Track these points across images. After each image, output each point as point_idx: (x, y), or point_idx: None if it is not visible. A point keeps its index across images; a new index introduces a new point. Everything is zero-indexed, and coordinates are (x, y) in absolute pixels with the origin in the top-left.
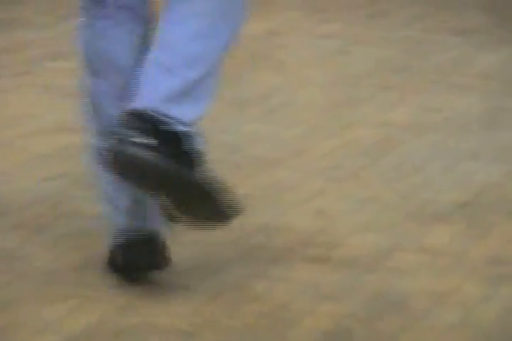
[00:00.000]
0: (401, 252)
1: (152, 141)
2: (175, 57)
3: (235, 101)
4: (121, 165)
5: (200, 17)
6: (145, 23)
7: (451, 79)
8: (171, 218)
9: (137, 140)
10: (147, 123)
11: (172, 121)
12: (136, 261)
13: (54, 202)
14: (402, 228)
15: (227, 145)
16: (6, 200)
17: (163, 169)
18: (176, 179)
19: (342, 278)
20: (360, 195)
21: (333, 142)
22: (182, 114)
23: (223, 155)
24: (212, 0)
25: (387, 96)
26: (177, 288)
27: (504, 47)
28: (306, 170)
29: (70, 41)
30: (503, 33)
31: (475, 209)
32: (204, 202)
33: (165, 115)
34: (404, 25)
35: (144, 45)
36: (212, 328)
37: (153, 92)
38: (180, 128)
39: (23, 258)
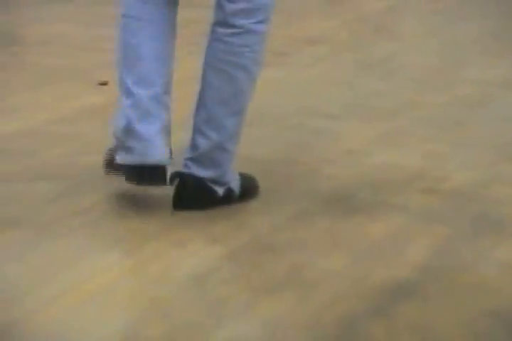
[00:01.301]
0: (498, 185)
1: None
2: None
3: (362, 64)
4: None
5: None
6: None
7: None
8: None
9: None
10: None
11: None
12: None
13: None
14: (498, 166)
15: (352, 99)
16: None
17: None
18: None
19: (449, 206)
20: (462, 139)
21: (441, 97)
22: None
23: (349, 108)
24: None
25: (486, 60)
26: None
27: None
28: (419, 120)
29: None
30: None
31: None
32: None
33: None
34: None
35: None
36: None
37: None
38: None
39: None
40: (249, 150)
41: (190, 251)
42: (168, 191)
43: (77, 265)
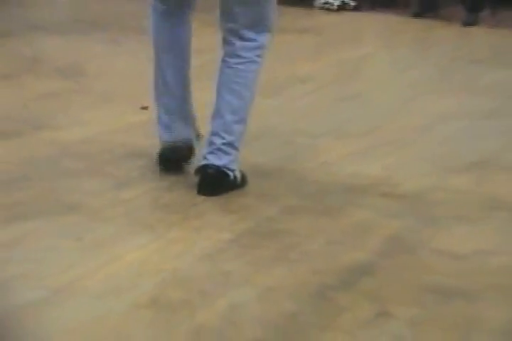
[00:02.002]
0: (438, 191)
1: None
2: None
3: (339, 98)
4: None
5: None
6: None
7: None
8: None
9: None
10: None
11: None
12: (167, 157)
13: None
14: (439, 176)
15: (331, 123)
16: None
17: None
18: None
19: (401, 206)
20: (412, 155)
21: (398, 123)
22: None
23: (328, 130)
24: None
25: (432, 97)
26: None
27: None
28: (380, 140)
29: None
30: None
31: None
32: None
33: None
34: None
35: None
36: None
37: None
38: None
39: None
40: (254, 159)
41: (204, 236)
42: (188, 189)
43: (118, 244)
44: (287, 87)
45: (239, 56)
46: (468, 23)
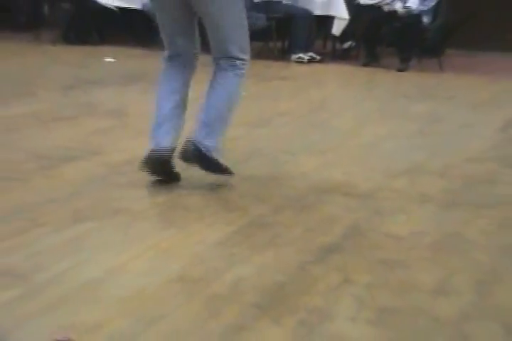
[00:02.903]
0: (386, 191)
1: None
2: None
3: (310, 125)
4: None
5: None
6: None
7: None
8: None
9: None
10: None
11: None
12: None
13: None
14: (386, 180)
15: (304, 144)
16: None
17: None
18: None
19: (358, 202)
20: (365, 165)
21: (352, 142)
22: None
23: (302, 148)
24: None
25: (378, 123)
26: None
27: None
28: (341, 155)
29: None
30: None
31: None
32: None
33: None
34: None
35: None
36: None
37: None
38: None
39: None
40: (249, 172)
41: (215, 229)
42: (202, 195)
43: (154, 236)
44: (272, 119)
45: (231, 57)
46: (401, 70)
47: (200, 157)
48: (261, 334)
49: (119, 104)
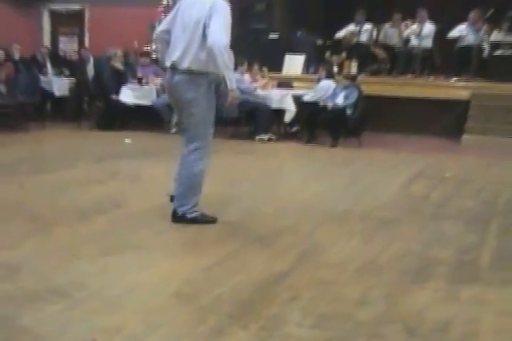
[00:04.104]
0: (322, 230)
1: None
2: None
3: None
4: None
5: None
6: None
7: None
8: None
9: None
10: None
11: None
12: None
13: None
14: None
15: (255, 200)
16: None
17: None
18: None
19: (304, 239)
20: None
21: (294, 201)
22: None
23: (261, 203)
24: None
25: (319, 183)
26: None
27: None
28: (281, 210)
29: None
30: None
31: None
32: None
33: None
34: None
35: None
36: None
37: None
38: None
39: None
40: (226, 217)
41: (202, 259)
42: (201, 233)
43: (156, 264)
44: (243, 180)
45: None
46: (332, 146)
47: (179, 219)
48: (234, 336)
49: (135, 171)
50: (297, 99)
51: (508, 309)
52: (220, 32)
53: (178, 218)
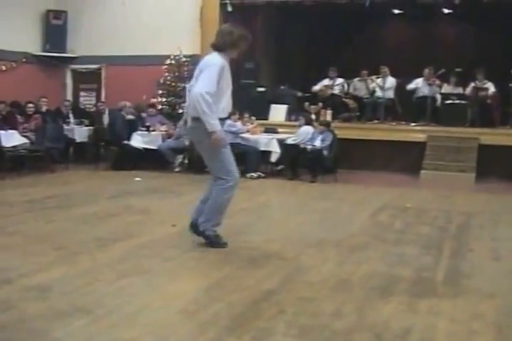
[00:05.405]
0: (303, 255)
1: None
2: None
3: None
4: None
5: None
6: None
7: None
8: None
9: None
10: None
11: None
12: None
13: None
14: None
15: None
16: None
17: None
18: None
19: (288, 263)
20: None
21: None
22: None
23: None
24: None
25: (305, 216)
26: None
27: None
28: (269, 234)
29: None
30: None
31: None
32: None
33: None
34: None
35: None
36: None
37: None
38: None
39: None
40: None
41: (203, 281)
42: (198, 261)
43: (164, 286)
44: (236, 212)
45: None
46: (312, 181)
47: (200, 233)
48: None
49: (145, 205)
50: (281, 142)
51: (459, 317)
52: (202, 82)
53: (199, 232)
